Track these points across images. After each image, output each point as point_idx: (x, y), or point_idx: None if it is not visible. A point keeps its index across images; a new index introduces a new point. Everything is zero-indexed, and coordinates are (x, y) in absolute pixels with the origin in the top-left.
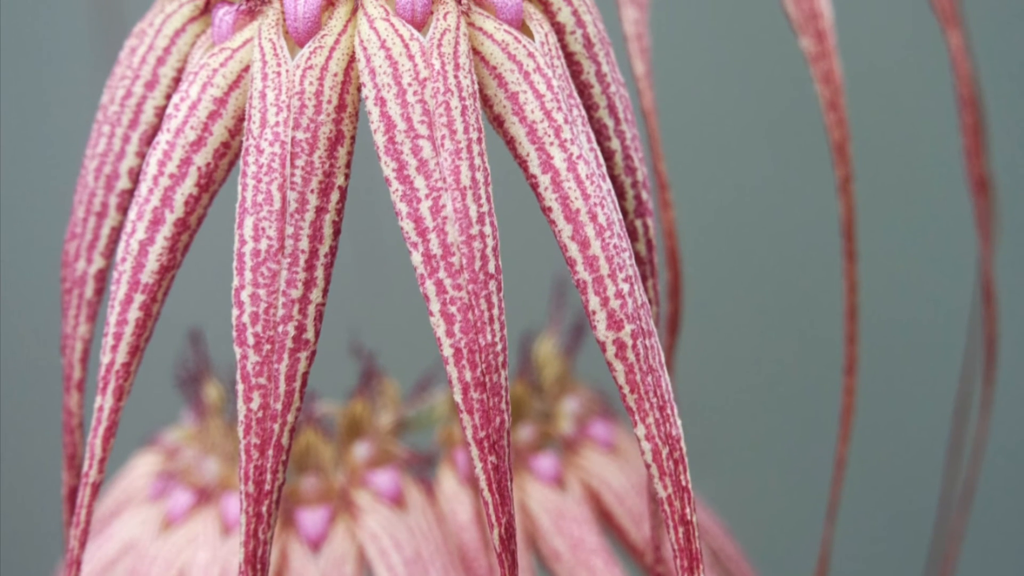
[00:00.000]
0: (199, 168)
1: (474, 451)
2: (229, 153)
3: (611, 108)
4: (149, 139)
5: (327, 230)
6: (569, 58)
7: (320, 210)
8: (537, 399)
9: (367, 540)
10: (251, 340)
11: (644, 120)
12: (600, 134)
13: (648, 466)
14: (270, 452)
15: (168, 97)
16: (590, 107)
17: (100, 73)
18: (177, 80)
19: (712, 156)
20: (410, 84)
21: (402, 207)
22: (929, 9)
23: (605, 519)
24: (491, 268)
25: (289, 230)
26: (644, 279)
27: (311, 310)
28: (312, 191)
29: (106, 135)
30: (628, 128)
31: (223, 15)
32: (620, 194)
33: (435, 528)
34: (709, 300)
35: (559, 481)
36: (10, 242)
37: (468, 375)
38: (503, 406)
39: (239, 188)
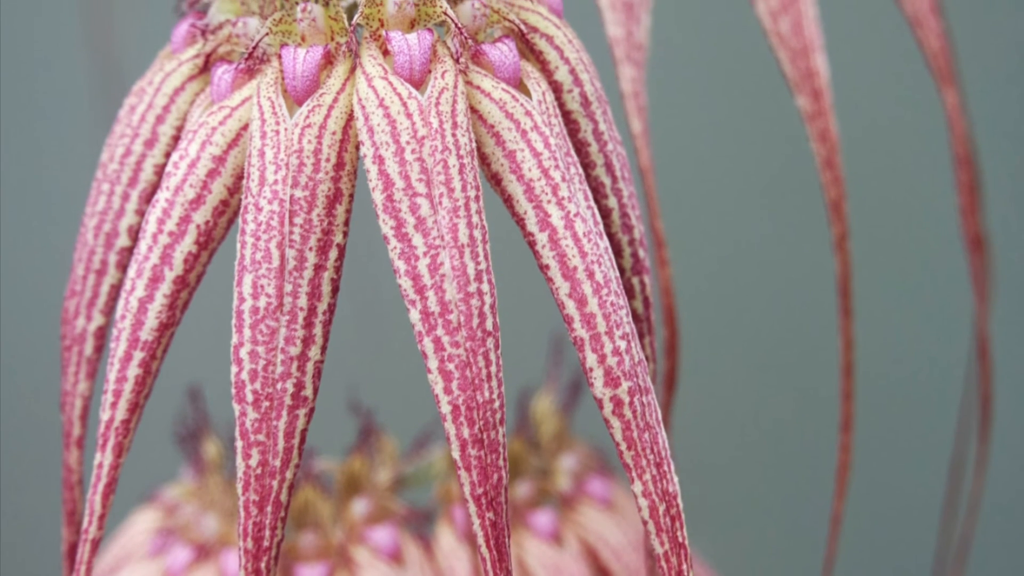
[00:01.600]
0: (198, 226)
1: (472, 508)
2: (228, 211)
3: (608, 166)
4: (148, 197)
5: (325, 288)
6: (566, 116)
7: (318, 268)
8: (535, 456)
9: None
10: (250, 397)
11: (641, 178)
12: (597, 192)
13: (645, 522)
14: (269, 508)
15: (167, 155)
16: (587, 165)
17: (99, 131)
18: (176, 138)
19: (709, 214)
20: (408, 142)
21: (400, 265)
22: (925, 68)
23: (602, 575)
24: (489, 325)
25: (288, 288)
26: (641, 336)
27: (310, 367)
28: (311, 249)
29: (105, 193)
30: (625, 186)
31: (222, 74)
32: (617, 252)
33: None
34: (706, 357)
35: (556, 537)
36: (10, 300)
37: (466, 432)
38: (501, 463)
39: (238, 246)
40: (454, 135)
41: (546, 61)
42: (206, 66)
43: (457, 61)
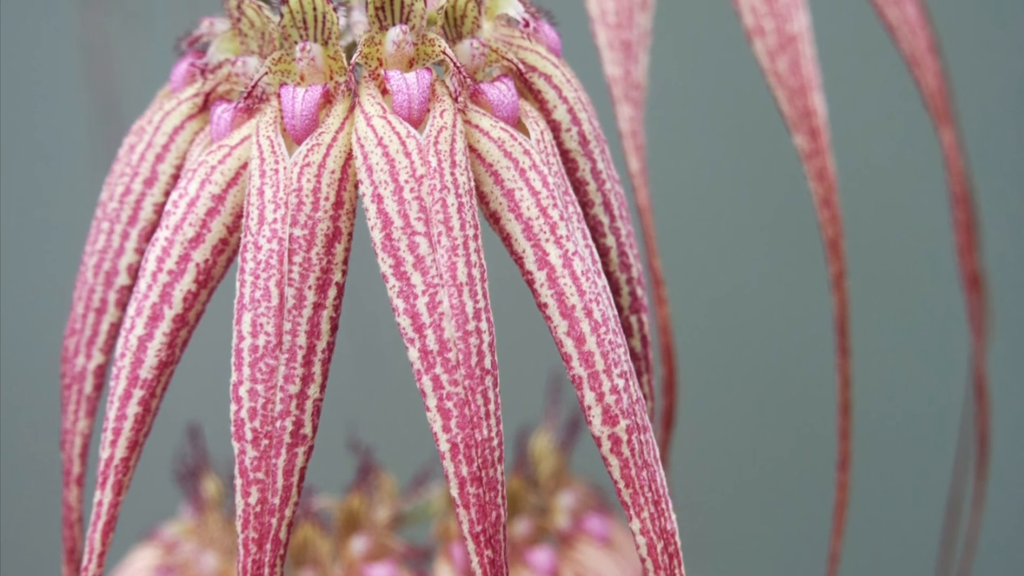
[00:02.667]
0: (197, 264)
1: (470, 545)
2: (227, 249)
3: (606, 205)
4: (148, 236)
5: (324, 326)
6: (565, 155)
7: (318, 306)
8: (533, 493)
9: None
10: (249, 435)
11: (639, 217)
12: (595, 231)
13: (643, 560)
14: (268, 546)
15: (167, 194)
16: (586, 204)
17: (99, 170)
18: (176, 177)
19: (707, 252)
20: (407, 181)
21: (399, 303)
22: (922, 107)
23: None
24: (487, 363)
25: (287, 326)
26: (639, 374)
27: (309, 405)
28: (310, 287)
29: (105, 232)
30: (623, 225)
31: (221, 113)
32: (615, 290)
33: None
34: (704, 395)
35: (555, 575)
36: (10, 339)
37: (464, 470)
38: (499, 500)
39: (237, 284)
40: (452, 174)
41: (544, 100)
42: (205, 105)
43: (456, 100)
